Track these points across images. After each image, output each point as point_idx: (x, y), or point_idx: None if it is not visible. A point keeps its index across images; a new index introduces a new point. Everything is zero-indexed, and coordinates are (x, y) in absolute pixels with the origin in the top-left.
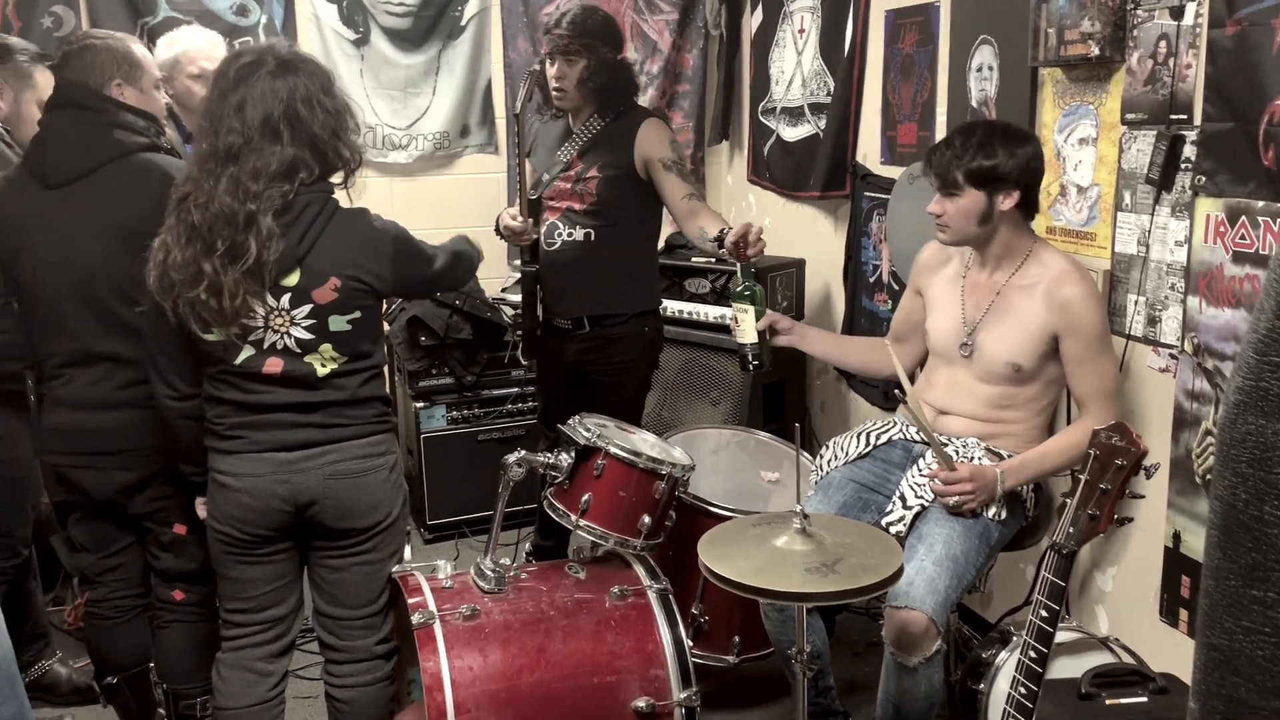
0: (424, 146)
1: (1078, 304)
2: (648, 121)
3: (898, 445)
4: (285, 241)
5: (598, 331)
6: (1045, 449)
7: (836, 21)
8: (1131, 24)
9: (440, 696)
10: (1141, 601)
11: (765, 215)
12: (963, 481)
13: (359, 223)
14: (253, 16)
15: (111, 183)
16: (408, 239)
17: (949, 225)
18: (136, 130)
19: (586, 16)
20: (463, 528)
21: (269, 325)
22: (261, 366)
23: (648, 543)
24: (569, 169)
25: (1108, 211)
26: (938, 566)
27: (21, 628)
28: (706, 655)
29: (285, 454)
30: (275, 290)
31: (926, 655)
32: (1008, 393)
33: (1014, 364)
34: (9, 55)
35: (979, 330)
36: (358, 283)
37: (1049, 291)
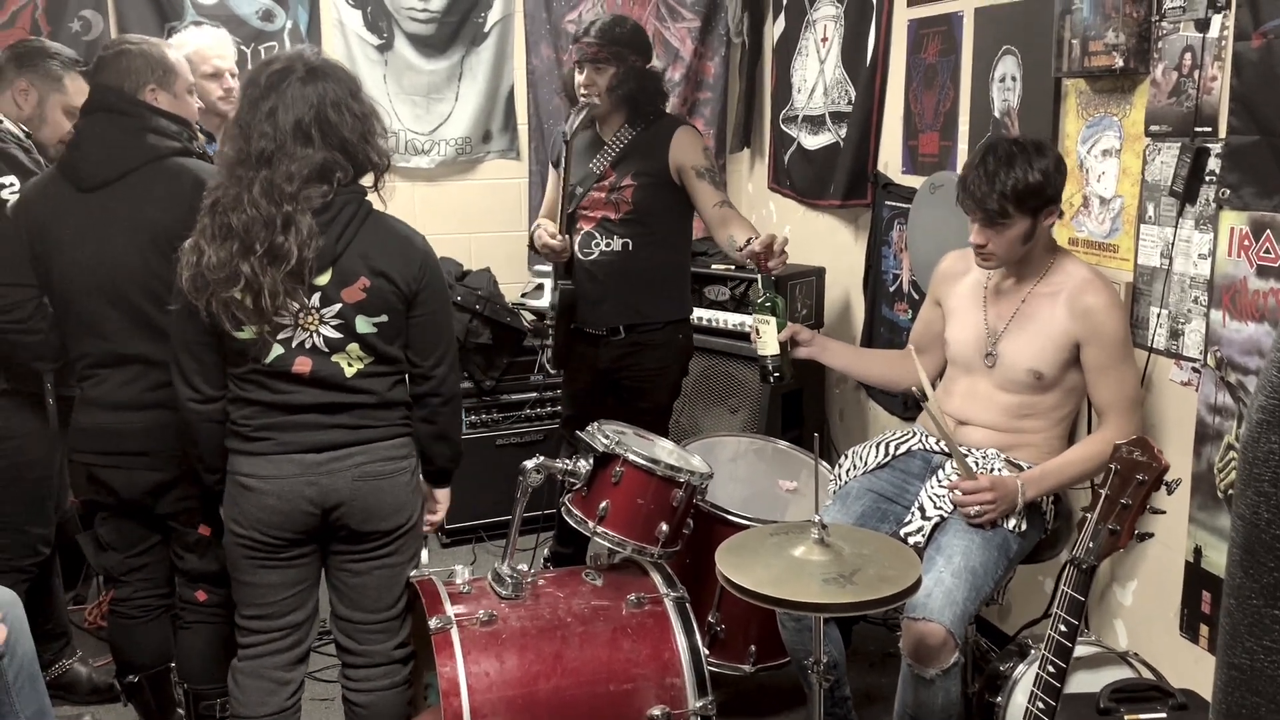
0: (446, 152)
1: (1100, 311)
2: (681, 129)
3: (917, 455)
4: (323, 240)
5: (632, 338)
6: (1066, 459)
7: (859, 30)
8: (1156, 36)
9: (457, 701)
10: (1161, 616)
11: (785, 223)
12: (983, 491)
13: (391, 226)
14: (278, 21)
15: (144, 186)
16: (438, 265)
17: (995, 254)
18: (169, 135)
19: (615, 24)
20: (480, 532)
21: (299, 323)
22: (291, 365)
23: (665, 550)
24: (602, 179)
25: (1130, 223)
26: (956, 578)
27: (43, 626)
28: (723, 664)
29: (314, 455)
30: (309, 289)
31: (944, 667)
32: (1028, 401)
33: (1035, 371)
34: (41, 58)
35: (1002, 339)
36: (387, 284)
37: (1072, 299)
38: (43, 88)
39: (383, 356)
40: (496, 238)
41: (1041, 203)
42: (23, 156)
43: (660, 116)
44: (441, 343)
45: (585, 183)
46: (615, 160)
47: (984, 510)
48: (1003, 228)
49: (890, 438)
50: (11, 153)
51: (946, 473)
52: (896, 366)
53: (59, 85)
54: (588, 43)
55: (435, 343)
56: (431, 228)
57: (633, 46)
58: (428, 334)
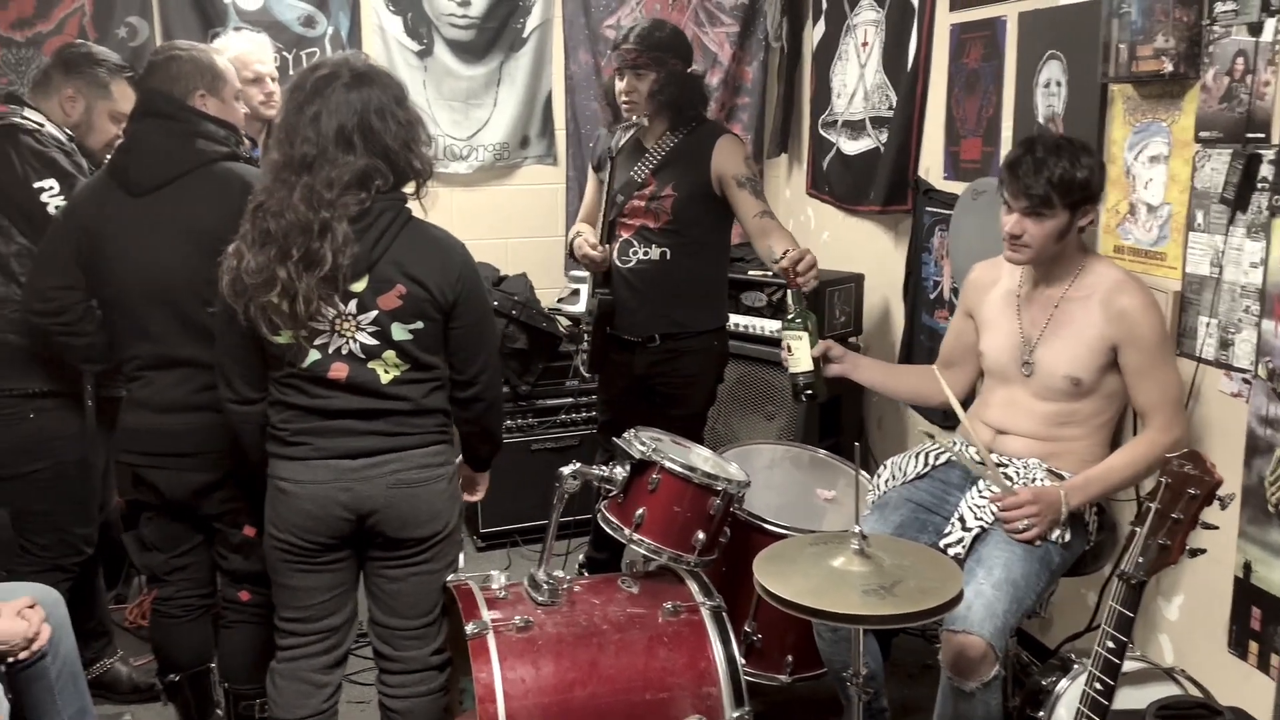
0: (484, 157)
1: (1135, 313)
2: (723, 138)
3: (956, 466)
4: (359, 247)
5: (668, 345)
6: (1109, 465)
7: (900, 35)
8: (1207, 40)
9: (492, 707)
10: (1209, 632)
11: (824, 229)
12: (1026, 505)
13: (430, 234)
14: (319, 28)
15: (193, 191)
16: (477, 275)
17: (1029, 246)
18: (218, 140)
19: (654, 29)
20: (514, 537)
21: (335, 329)
22: (327, 371)
23: (701, 559)
24: (643, 188)
25: (1179, 231)
26: (997, 590)
27: (85, 625)
28: (759, 674)
29: (349, 461)
30: (344, 295)
31: (984, 680)
32: (1067, 409)
33: (1073, 378)
34: (88, 65)
35: (1037, 347)
36: (423, 292)
37: (1106, 301)
38: (90, 95)
39: (419, 364)
40: (533, 243)
41: (1083, 198)
42: (64, 160)
43: (702, 122)
44: (483, 352)
45: (626, 190)
46: (656, 168)
47: (1031, 524)
48: (1042, 219)
49: (929, 448)
50: (52, 156)
51: (987, 482)
52: (928, 382)
53: (105, 92)
54: (627, 49)
55: (476, 352)
56: (468, 233)
57: (673, 50)
58: (469, 343)
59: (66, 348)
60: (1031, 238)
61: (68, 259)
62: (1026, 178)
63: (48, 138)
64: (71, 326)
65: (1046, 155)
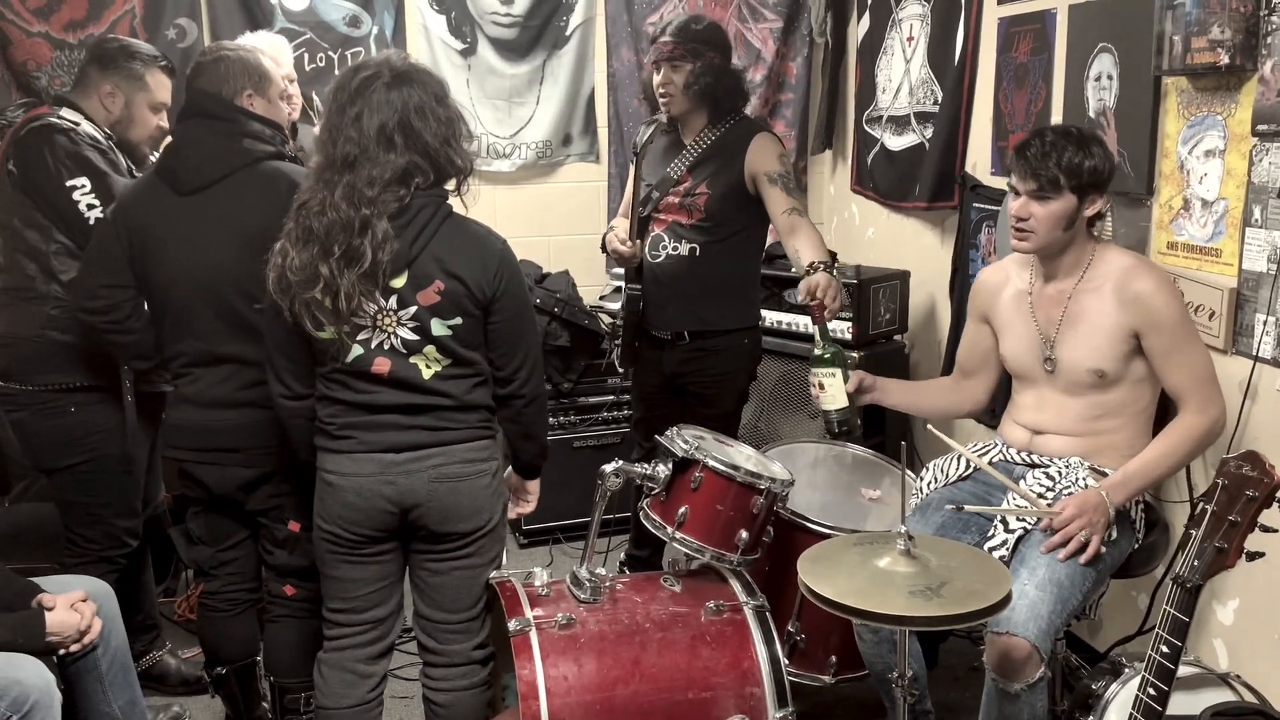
0: (527, 155)
1: (1151, 296)
2: (759, 136)
3: (999, 467)
4: (399, 243)
5: (697, 344)
6: (1147, 457)
7: (946, 29)
8: (1265, 31)
9: (535, 704)
10: (1265, 636)
11: (869, 226)
12: (1070, 522)
13: (469, 230)
14: (364, 27)
15: (240, 190)
16: (517, 270)
17: (1035, 231)
18: (264, 139)
19: (691, 22)
20: (556, 534)
21: (377, 325)
22: (370, 365)
23: (745, 558)
24: (679, 184)
25: (1235, 227)
26: (1040, 591)
27: (134, 618)
28: (802, 674)
29: (393, 455)
30: (385, 291)
31: (1030, 682)
32: (1098, 401)
33: (1097, 370)
34: (123, 59)
35: (1057, 344)
36: (461, 287)
37: (1119, 289)
38: (128, 89)
39: (460, 359)
40: (576, 240)
41: (1091, 184)
42: (97, 159)
43: (741, 119)
44: (522, 347)
45: (662, 186)
46: (693, 165)
47: (1087, 535)
48: (1048, 201)
49: (972, 449)
50: (85, 154)
51: (1029, 483)
52: (953, 394)
53: (142, 84)
54: (664, 41)
55: (515, 347)
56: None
57: (710, 43)
58: (507, 339)
59: (115, 345)
60: (1037, 221)
61: (117, 257)
62: (1035, 160)
63: (82, 136)
64: (120, 324)
65: (1056, 139)
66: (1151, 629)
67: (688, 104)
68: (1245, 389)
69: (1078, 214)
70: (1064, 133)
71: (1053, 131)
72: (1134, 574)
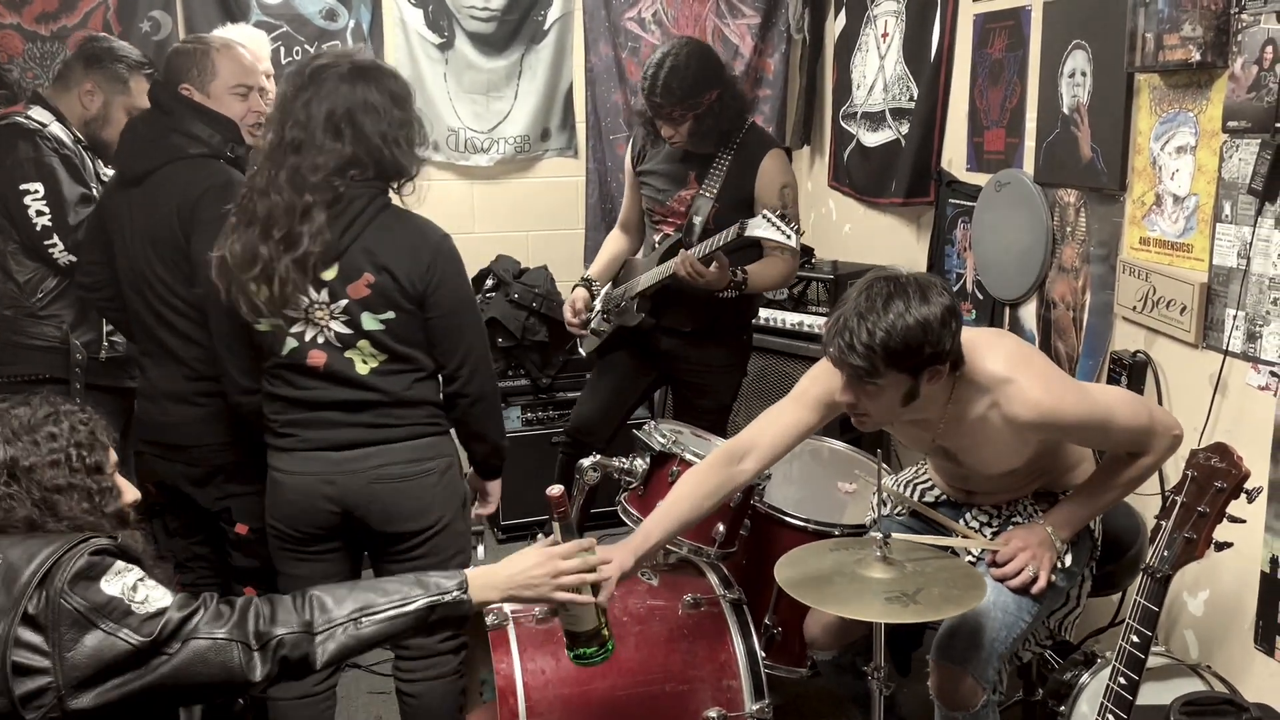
0: (505, 150)
1: (1047, 417)
2: (771, 156)
3: (944, 505)
4: (330, 234)
5: (694, 335)
6: (1095, 490)
7: (922, 26)
8: (1235, 28)
9: (513, 699)
10: (1235, 628)
11: (845, 221)
12: (1017, 555)
13: (405, 222)
14: (341, 21)
15: (163, 185)
16: (455, 263)
17: (869, 417)
18: (195, 136)
19: (676, 77)
20: (535, 529)
21: (310, 317)
22: (305, 359)
23: (722, 551)
24: (687, 189)
25: (1206, 222)
26: (982, 618)
27: None
28: (779, 667)
29: (333, 453)
30: (316, 283)
31: (972, 710)
32: (1026, 473)
33: (1009, 471)
34: (109, 60)
35: (958, 455)
36: (391, 281)
37: (1009, 418)
38: (108, 90)
39: (397, 355)
40: (554, 235)
41: (920, 361)
42: (58, 165)
43: (750, 131)
44: (463, 344)
45: (668, 192)
46: (702, 174)
47: (1035, 568)
48: (873, 389)
49: (918, 481)
50: (46, 160)
51: (973, 514)
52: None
53: (124, 88)
54: (657, 103)
55: (456, 343)
56: (490, 225)
57: (703, 87)
58: (446, 335)
59: (115, 323)
60: (867, 408)
61: (102, 238)
62: (844, 346)
63: (49, 139)
64: (112, 301)
65: (868, 316)
66: (1124, 621)
67: (696, 143)
68: (1215, 383)
69: (917, 389)
70: (882, 302)
71: (866, 301)
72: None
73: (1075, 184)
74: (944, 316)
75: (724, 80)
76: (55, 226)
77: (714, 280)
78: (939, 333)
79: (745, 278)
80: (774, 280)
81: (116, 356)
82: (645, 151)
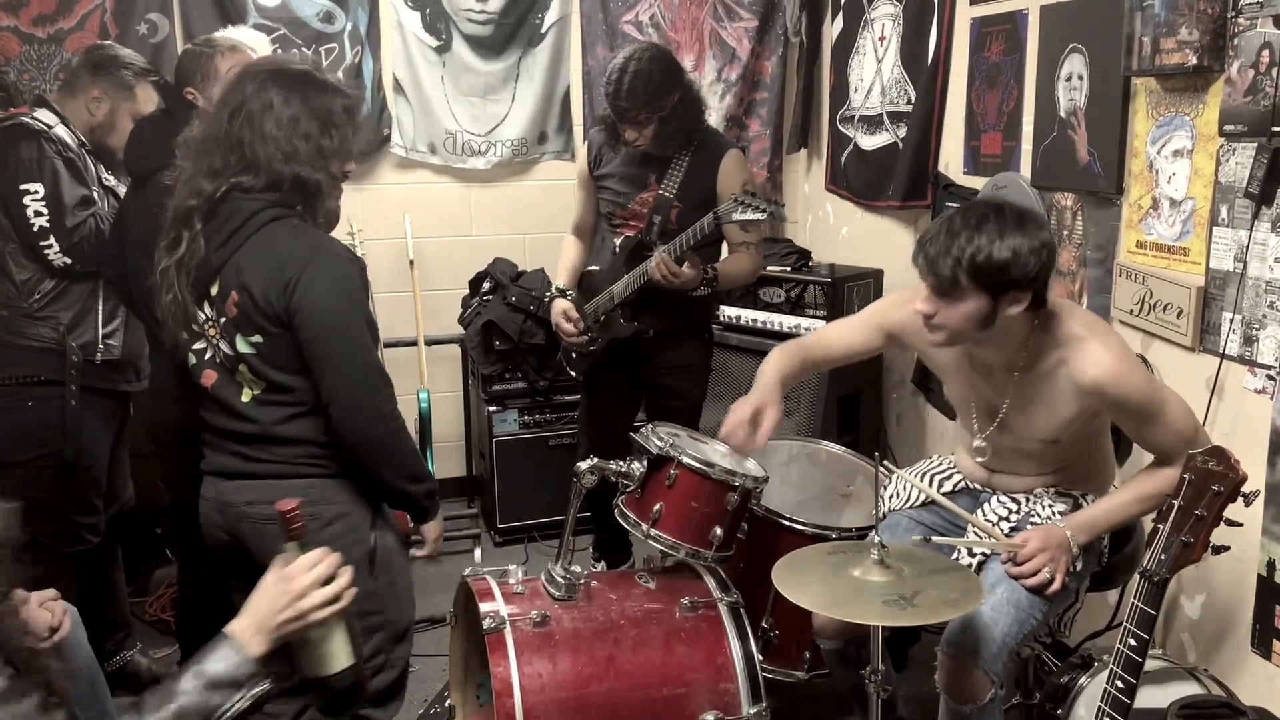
0: (502, 153)
1: (1110, 383)
2: (730, 156)
3: (963, 493)
4: (208, 248)
5: (658, 339)
6: (1120, 500)
7: (919, 29)
8: (1232, 32)
9: (510, 702)
10: (1232, 631)
11: (843, 225)
12: (1036, 556)
13: (285, 240)
14: (338, 23)
15: (154, 189)
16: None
17: (943, 329)
18: None
19: (640, 81)
20: (532, 532)
21: (205, 334)
22: (200, 377)
23: (719, 555)
24: (648, 191)
25: (1202, 226)
26: (995, 613)
27: (105, 617)
28: (776, 670)
29: (221, 481)
30: (205, 298)
31: (980, 704)
32: (1055, 451)
33: (1050, 439)
34: (115, 67)
35: (1006, 413)
36: (250, 301)
37: (1075, 376)
38: (115, 96)
39: (273, 384)
40: (551, 238)
41: (1003, 283)
42: (60, 166)
43: (707, 132)
44: (329, 375)
45: (629, 195)
46: (662, 175)
47: (1051, 571)
48: (953, 301)
49: (934, 470)
50: (49, 161)
51: (993, 506)
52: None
53: (130, 94)
54: (622, 108)
55: (321, 374)
56: (487, 228)
57: (666, 91)
58: (312, 363)
59: (140, 318)
60: (944, 319)
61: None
62: (933, 255)
63: (53, 141)
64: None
65: (962, 232)
66: (1121, 624)
67: (660, 144)
68: (1212, 386)
69: (994, 312)
70: (976, 222)
71: (962, 217)
72: (1114, 586)
73: (1072, 187)
74: (1036, 248)
75: (684, 83)
76: (51, 228)
77: (689, 280)
78: (1026, 260)
79: (715, 274)
80: (742, 275)
81: (112, 359)
82: (602, 156)
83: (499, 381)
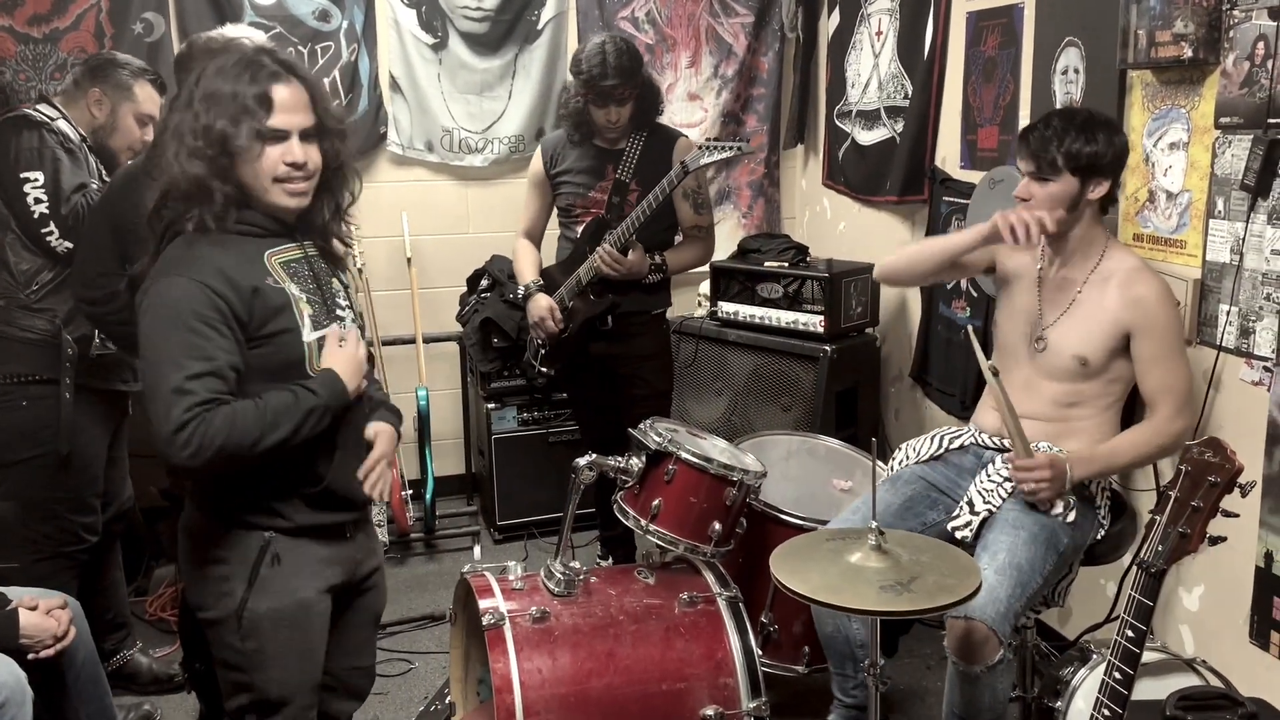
0: (499, 150)
1: (1153, 302)
2: (682, 141)
3: (970, 451)
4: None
5: (619, 328)
6: (1114, 444)
7: (915, 24)
8: (1227, 25)
9: (509, 698)
10: (1230, 623)
11: (840, 220)
12: (1041, 469)
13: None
14: (334, 21)
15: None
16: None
17: (1035, 205)
18: None
19: (625, 58)
20: (531, 528)
21: None
22: None
23: (718, 550)
24: (605, 180)
25: (1199, 218)
26: (1000, 575)
27: (105, 617)
28: (776, 664)
29: None
30: None
31: (989, 664)
32: (1074, 390)
33: (1081, 357)
34: (112, 69)
35: (1052, 325)
36: None
37: (1124, 286)
38: (115, 97)
39: None
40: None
41: (1091, 168)
42: (61, 155)
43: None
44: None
45: (588, 185)
46: (619, 163)
47: (1039, 488)
48: (1047, 183)
49: (945, 432)
50: (50, 150)
51: (997, 467)
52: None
53: (129, 94)
54: (612, 86)
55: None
56: (484, 226)
57: (640, 63)
58: None
59: (122, 337)
60: (1039, 201)
61: (108, 246)
62: (1036, 143)
63: (54, 131)
64: (118, 314)
65: (1063, 123)
66: (1119, 616)
67: (635, 123)
68: (1209, 378)
69: (1080, 196)
70: (1069, 117)
71: (1059, 116)
72: (1102, 561)
73: None
74: (1120, 151)
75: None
76: (51, 214)
77: (635, 266)
78: (1113, 158)
79: (664, 260)
80: (691, 260)
81: (108, 356)
82: (559, 155)
83: (497, 379)
